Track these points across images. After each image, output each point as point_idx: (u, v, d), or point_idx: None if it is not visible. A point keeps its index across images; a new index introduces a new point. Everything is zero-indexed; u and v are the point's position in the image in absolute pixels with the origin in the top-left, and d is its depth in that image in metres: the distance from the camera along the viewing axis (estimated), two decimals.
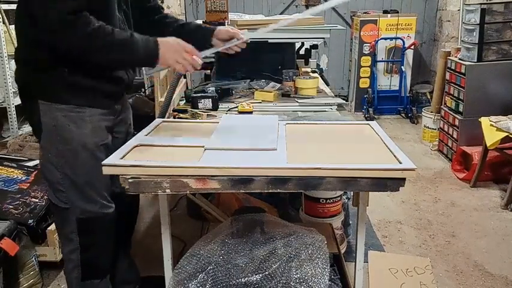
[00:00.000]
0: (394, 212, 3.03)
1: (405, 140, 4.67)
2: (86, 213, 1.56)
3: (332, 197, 2.29)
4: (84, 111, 1.50)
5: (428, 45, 6.04)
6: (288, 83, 2.56)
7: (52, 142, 1.52)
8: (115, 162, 1.33)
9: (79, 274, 1.62)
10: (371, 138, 1.62)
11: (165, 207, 1.56)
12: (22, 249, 2.10)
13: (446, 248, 2.57)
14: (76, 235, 1.58)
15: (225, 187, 1.29)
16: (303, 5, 5.98)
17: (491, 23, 3.56)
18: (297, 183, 1.29)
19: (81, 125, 1.50)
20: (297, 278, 1.42)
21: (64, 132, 1.49)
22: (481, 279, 2.28)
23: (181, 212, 2.90)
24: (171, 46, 1.47)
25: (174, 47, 1.47)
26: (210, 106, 2.26)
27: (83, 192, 1.54)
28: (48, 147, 1.53)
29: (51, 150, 1.52)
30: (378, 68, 5.48)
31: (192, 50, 1.49)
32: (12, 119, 3.41)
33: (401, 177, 1.27)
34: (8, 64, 3.36)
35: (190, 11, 6.08)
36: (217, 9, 2.73)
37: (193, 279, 1.44)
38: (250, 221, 1.62)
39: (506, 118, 3.19)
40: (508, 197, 3.03)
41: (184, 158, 1.37)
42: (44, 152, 1.55)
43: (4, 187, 2.36)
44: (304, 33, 2.58)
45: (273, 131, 1.64)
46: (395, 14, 5.42)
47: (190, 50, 1.48)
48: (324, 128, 1.79)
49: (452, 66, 3.91)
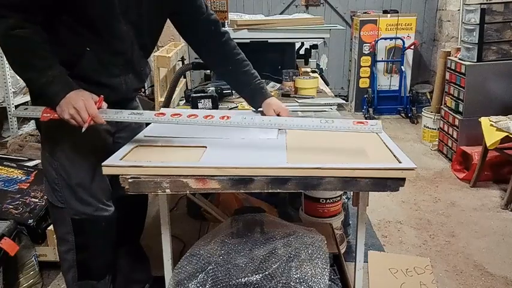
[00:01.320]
0: (394, 212, 3.03)
1: (405, 140, 4.67)
2: (81, 214, 1.56)
3: (332, 197, 2.29)
4: None
5: (428, 45, 6.04)
6: (288, 83, 2.56)
7: (48, 143, 1.54)
8: (115, 163, 1.32)
9: (75, 274, 1.63)
10: (371, 138, 1.62)
11: (165, 207, 1.56)
12: (22, 249, 2.10)
13: (446, 248, 2.57)
14: (71, 235, 1.59)
15: (224, 187, 1.29)
16: (303, 5, 5.98)
17: (491, 23, 3.56)
18: (297, 183, 1.29)
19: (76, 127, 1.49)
20: (296, 278, 1.42)
21: (58, 134, 1.50)
22: (481, 279, 2.28)
23: (181, 212, 2.90)
24: (76, 102, 1.37)
25: (77, 104, 1.36)
26: (210, 106, 2.25)
27: (76, 194, 1.55)
28: (46, 147, 1.55)
29: (48, 150, 1.54)
30: (377, 68, 5.48)
31: (93, 113, 1.38)
32: (12, 119, 3.42)
33: (401, 177, 1.27)
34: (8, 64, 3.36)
35: None
36: (217, 9, 2.73)
37: (193, 279, 1.44)
38: (250, 221, 1.62)
39: (506, 118, 3.19)
40: (508, 197, 3.03)
41: (184, 158, 1.37)
42: (43, 151, 1.58)
43: (4, 187, 2.36)
44: (304, 33, 2.58)
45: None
46: (395, 14, 5.42)
47: (92, 113, 1.38)
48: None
49: (452, 66, 3.91)
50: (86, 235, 1.59)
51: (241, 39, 2.51)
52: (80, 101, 1.37)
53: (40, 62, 1.38)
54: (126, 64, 1.56)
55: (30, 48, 1.37)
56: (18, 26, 1.34)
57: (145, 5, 1.53)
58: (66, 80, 1.40)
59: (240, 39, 2.51)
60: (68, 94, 1.38)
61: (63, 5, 1.39)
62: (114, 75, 1.54)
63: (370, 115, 5.30)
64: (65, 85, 1.40)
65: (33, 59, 1.37)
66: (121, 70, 1.56)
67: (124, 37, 1.51)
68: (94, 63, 1.47)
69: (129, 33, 1.53)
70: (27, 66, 1.39)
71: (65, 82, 1.40)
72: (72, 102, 1.37)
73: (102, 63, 1.49)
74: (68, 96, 1.38)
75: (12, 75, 3.44)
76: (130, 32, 1.53)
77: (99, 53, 1.47)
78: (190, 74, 4.94)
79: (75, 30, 1.43)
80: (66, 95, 1.38)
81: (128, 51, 1.55)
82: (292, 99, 2.40)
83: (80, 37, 1.44)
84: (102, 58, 1.48)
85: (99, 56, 1.47)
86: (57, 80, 1.39)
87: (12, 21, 1.33)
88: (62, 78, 1.40)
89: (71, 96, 1.38)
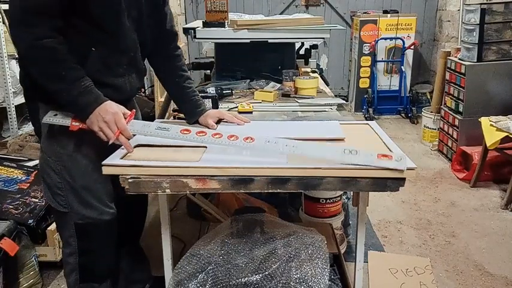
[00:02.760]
0: (394, 212, 3.03)
1: (405, 140, 4.67)
2: (85, 218, 1.54)
3: (332, 197, 2.29)
4: None
5: (428, 45, 6.04)
6: (288, 83, 2.56)
7: (51, 146, 1.51)
8: (115, 162, 1.32)
9: (77, 277, 1.61)
10: (371, 138, 1.62)
11: (165, 207, 1.56)
12: (22, 249, 2.10)
13: (446, 248, 2.57)
14: (74, 239, 1.57)
15: (225, 187, 1.29)
16: (303, 5, 5.99)
17: (491, 23, 3.56)
18: (297, 183, 1.29)
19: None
20: (296, 278, 1.42)
21: (62, 136, 1.49)
22: (481, 279, 2.28)
23: (181, 212, 2.90)
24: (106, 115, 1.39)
25: (107, 117, 1.39)
26: (210, 106, 2.25)
27: (81, 198, 1.53)
28: (47, 151, 1.52)
29: (50, 154, 1.51)
30: (377, 68, 5.48)
31: (122, 128, 1.40)
32: (12, 119, 3.42)
33: (401, 177, 1.27)
34: (8, 64, 3.36)
35: (190, 11, 6.08)
36: (217, 9, 2.72)
37: (193, 279, 1.44)
38: (250, 221, 1.62)
39: (506, 118, 3.19)
40: (508, 197, 3.03)
41: (184, 158, 1.37)
42: (43, 155, 1.54)
43: (4, 187, 2.36)
44: (304, 33, 2.58)
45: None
46: (395, 14, 5.42)
47: (121, 127, 1.40)
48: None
49: (452, 66, 3.91)
50: (89, 238, 1.58)
51: (241, 39, 2.52)
52: (109, 114, 1.39)
53: (71, 72, 1.38)
54: (130, 63, 1.57)
55: (60, 59, 1.36)
56: (45, 36, 1.33)
57: (144, 0, 1.55)
58: (96, 91, 1.41)
59: (240, 39, 2.52)
60: (99, 106, 1.39)
61: (73, 6, 1.38)
62: (118, 75, 1.54)
63: (370, 115, 5.30)
64: (96, 97, 1.41)
65: (64, 70, 1.37)
66: (125, 70, 1.56)
67: (129, 34, 1.52)
68: (99, 64, 1.47)
69: (132, 29, 1.54)
70: (58, 77, 1.37)
71: (95, 93, 1.41)
72: (102, 114, 1.39)
73: (107, 64, 1.49)
74: (99, 108, 1.39)
75: (13, 75, 3.44)
76: (133, 29, 1.54)
77: (104, 52, 1.47)
78: (190, 74, 4.93)
79: (83, 30, 1.42)
80: (98, 106, 1.39)
81: (132, 49, 1.56)
82: (292, 99, 2.40)
83: (87, 37, 1.43)
84: (107, 58, 1.48)
85: (104, 55, 1.47)
86: (88, 91, 1.39)
87: (39, 30, 1.32)
88: (92, 89, 1.40)
89: (102, 108, 1.39)
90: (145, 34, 1.61)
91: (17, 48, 1.42)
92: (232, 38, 2.52)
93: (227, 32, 2.55)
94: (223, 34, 2.55)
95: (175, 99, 1.87)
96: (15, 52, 3.46)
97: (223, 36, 2.56)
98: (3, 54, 3.31)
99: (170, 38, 1.77)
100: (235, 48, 2.64)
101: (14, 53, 3.48)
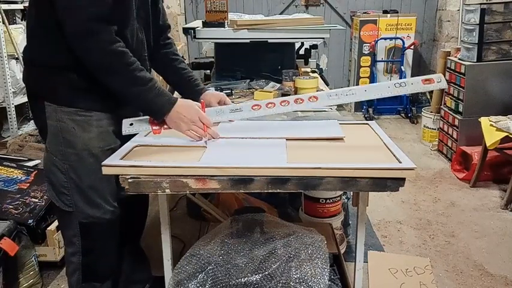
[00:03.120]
0: (394, 212, 3.03)
1: (405, 140, 4.67)
2: (89, 217, 1.54)
3: (332, 197, 2.29)
4: (91, 115, 1.49)
5: (428, 45, 6.04)
6: (288, 83, 2.55)
7: (57, 145, 1.50)
8: (115, 163, 1.32)
9: (80, 277, 1.61)
10: (370, 138, 1.62)
11: (164, 207, 1.56)
12: (22, 249, 2.10)
13: (446, 248, 2.57)
14: (78, 239, 1.57)
15: (224, 187, 1.29)
16: (303, 5, 5.98)
17: (491, 23, 3.56)
18: (297, 183, 1.29)
19: (87, 128, 1.49)
20: (296, 278, 1.42)
21: (69, 136, 1.48)
22: (481, 279, 2.28)
23: (181, 212, 2.90)
24: (188, 113, 1.43)
25: (189, 116, 1.43)
26: None
27: (87, 197, 1.53)
28: (53, 150, 1.52)
29: (56, 153, 1.51)
30: (377, 68, 5.48)
31: (208, 122, 1.46)
32: (12, 119, 3.42)
33: (401, 177, 1.27)
34: (8, 64, 3.37)
35: (189, 11, 6.07)
36: (217, 9, 2.72)
37: (193, 279, 1.44)
38: (250, 221, 1.62)
39: (506, 118, 3.19)
40: (508, 197, 3.03)
41: (184, 158, 1.37)
42: (49, 154, 1.54)
43: (4, 187, 2.36)
44: (304, 33, 2.58)
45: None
46: (395, 14, 5.42)
47: (206, 122, 1.45)
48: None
49: (452, 66, 3.91)
50: (93, 238, 1.58)
51: (241, 39, 2.51)
52: (191, 112, 1.42)
53: (143, 74, 1.39)
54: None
55: (131, 62, 1.37)
56: (113, 41, 1.33)
57: (150, 1, 1.56)
58: (166, 91, 1.42)
59: (240, 39, 2.51)
60: (173, 106, 1.41)
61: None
62: None
63: (370, 115, 5.30)
64: (169, 97, 1.42)
65: (139, 73, 1.38)
66: None
67: (138, 35, 1.53)
68: None
69: (141, 30, 1.55)
70: (133, 81, 1.38)
71: (167, 93, 1.42)
72: (184, 113, 1.41)
73: None
74: (175, 107, 1.41)
75: (12, 75, 3.44)
76: (141, 29, 1.55)
77: None
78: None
79: None
80: (172, 107, 1.41)
81: (140, 49, 1.56)
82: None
83: None
84: None
85: None
86: (162, 93, 1.41)
87: (106, 37, 1.32)
88: (164, 90, 1.41)
89: (179, 107, 1.41)
90: (150, 33, 1.62)
91: (88, 61, 1.38)
92: (232, 38, 2.52)
93: (227, 32, 2.55)
94: (223, 34, 2.55)
95: (175, 84, 1.87)
96: (15, 52, 3.46)
97: (223, 36, 2.56)
98: (3, 54, 3.31)
99: (163, 32, 1.78)
100: (235, 48, 2.64)
101: (14, 53, 3.48)
